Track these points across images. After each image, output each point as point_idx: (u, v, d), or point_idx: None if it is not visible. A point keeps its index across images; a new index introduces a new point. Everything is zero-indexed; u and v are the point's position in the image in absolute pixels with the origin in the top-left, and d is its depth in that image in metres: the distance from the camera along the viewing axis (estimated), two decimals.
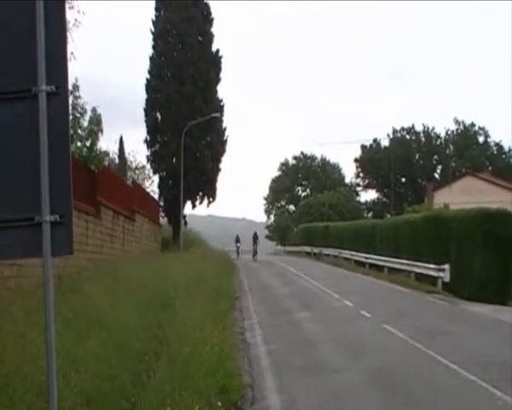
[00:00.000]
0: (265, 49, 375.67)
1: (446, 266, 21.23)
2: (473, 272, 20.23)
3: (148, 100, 37.32)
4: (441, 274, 21.49)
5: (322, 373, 8.92)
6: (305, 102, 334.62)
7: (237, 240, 45.25)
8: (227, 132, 39.68)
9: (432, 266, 22.10)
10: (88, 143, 21.77)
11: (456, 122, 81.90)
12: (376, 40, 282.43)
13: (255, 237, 42.85)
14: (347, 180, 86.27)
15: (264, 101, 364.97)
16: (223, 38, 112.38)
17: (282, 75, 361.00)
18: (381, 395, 7.86)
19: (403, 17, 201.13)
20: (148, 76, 37.50)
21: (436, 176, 78.62)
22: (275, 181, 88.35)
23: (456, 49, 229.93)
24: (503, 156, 79.38)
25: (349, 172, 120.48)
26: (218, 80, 38.96)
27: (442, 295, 20.21)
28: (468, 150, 77.55)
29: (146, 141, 37.54)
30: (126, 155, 39.79)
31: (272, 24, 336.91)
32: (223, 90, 76.07)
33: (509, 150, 79.01)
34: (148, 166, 39.15)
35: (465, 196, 38.77)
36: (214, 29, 38.89)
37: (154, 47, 37.66)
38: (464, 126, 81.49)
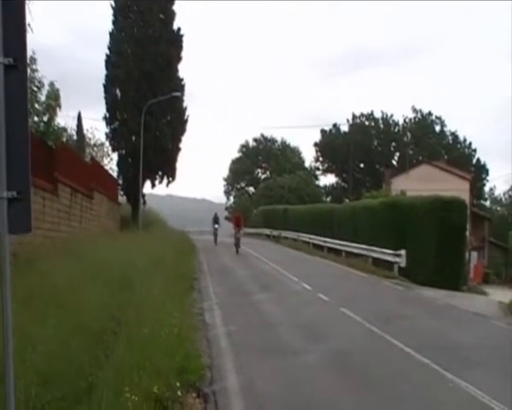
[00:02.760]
0: (228, 31, 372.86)
1: (402, 252, 21.67)
2: (428, 258, 20.73)
3: (107, 76, 36.52)
4: (397, 259, 21.93)
5: (280, 355, 8.99)
6: (266, 85, 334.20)
7: (215, 220, 37.92)
8: (188, 112, 39.34)
9: (389, 251, 22.51)
10: (45, 119, 21.20)
11: (414, 110, 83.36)
12: (337, 26, 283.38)
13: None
14: (307, 164, 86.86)
15: (225, 82, 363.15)
16: (184, 17, 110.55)
17: (245, 57, 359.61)
18: (338, 377, 7.99)
19: (364, 3, 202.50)
20: (107, 52, 36.71)
21: (394, 163, 79.80)
22: (235, 162, 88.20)
23: (415, 38, 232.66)
24: (459, 146, 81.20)
25: (309, 156, 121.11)
26: (179, 59, 38.47)
27: (398, 279, 20.65)
28: (424, 139, 79.05)
29: (105, 118, 36.80)
30: (85, 131, 38.88)
31: (235, 6, 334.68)
32: (184, 70, 75.29)
33: (464, 140, 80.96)
34: (107, 143, 38.41)
35: (421, 183, 39.39)
36: (176, 7, 38.35)
37: (114, 22, 36.80)
38: (422, 115, 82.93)
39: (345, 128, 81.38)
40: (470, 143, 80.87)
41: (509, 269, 44.21)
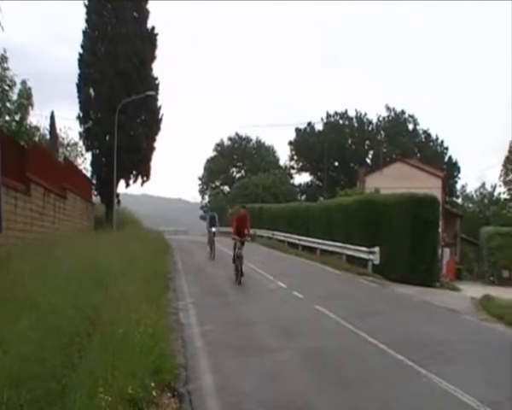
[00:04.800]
0: (202, 31, 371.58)
1: (376, 249, 21.88)
2: (401, 255, 20.97)
3: (81, 75, 36.17)
4: (371, 257, 22.14)
5: (256, 354, 9.02)
6: (241, 84, 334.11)
7: (211, 222, 27.13)
8: (162, 111, 39.22)
9: (363, 248, 22.71)
10: (17, 118, 20.89)
11: (388, 109, 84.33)
12: (311, 25, 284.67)
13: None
14: (282, 163, 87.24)
15: (200, 81, 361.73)
16: (159, 16, 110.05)
17: (220, 56, 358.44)
18: (313, 375, 8.03)
19: (337, 3, 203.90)
20: (81, 50, 36.34)
21: (368, 161, 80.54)
22: (210, 162, 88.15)
23: (389, 38, 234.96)
24: (431, 144, 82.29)
25: (283, 155, 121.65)
26: (153, 58, 38.36)
27: (372, 277, 20.85)
28: (398, 137, 80.00)
29: (79, 117, 36.48)
30: (58, 131, 38.47)
31: (210, 5, 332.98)
32: (158, 69, 74.91)
33: (437, 138, 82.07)
34: (81, 143, 38.08)
35: (395, 181, 39.80)
36: (150, 6, 38.19)
37: (87, 21, 36.48)
38: (395, 113, 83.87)
39: (319, 127, 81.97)
40: (442, 142, 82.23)
41: (480, 265, 44.88)
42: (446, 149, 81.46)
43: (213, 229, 26.67)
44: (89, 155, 38.21)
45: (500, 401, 7.02)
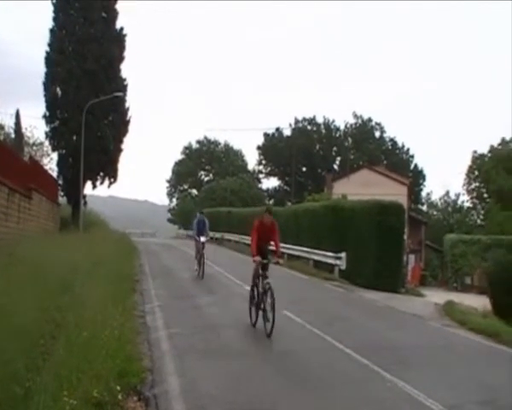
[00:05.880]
0: (171, 33, 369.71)
1: (343, 255, 22.07)
2: (367, 261, 21.18)
3: (47, 74, 35.66)
4: (338, 262, 22.34)
5: (223, 358, 8.99)
6: (210, 88, 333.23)
7: (199, 229, 20.27)
8: (130, 113, 38.91)
9: (329, 253, 22.88)
10: None
11: (355, 116, 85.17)
12: (281, 30, 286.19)
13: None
14: (250, 167, 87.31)
15: (169, 84, 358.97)
16: (129, 17, 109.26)
17: (189, 60, 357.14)
18: (279, 379, 8.05)
19: (302, 3, 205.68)
20: (47, 49, 35.80)
21: (335, 167, 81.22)
22: (178, 164, 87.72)
23: (355, 46, 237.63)
24: (397, 152, 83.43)
25: (252, 160, 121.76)
26: (121, 59, 38.07)
27: (339, 282, 21.01)
28: (365, 144, 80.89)
29: (45, 116, 35.93)
30: (23, 130, 37.88)
31: (180, 9, 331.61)
32: (127, 70, 74.22)
33: (403, 146, 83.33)
34: (47, 142, 37.57)
35: (362, 187, 40.19)
36: (119, 6, 37.87)
37: (54, 19, 36.01)
38: (362, 121, 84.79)
39: (287, 132, 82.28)
40: (408, 149, 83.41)
41: (444, 271, 45.67)
42: (412, 157, 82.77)
43: (202, 238, 19.93)
44: (55, 155, 37.73)
45: (461, 405, 7.16)
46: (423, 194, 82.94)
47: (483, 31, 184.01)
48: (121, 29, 37.94)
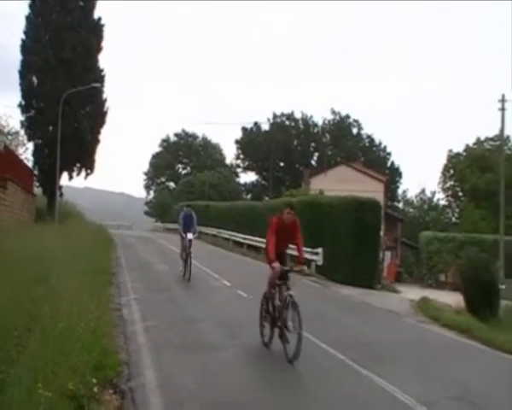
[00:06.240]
0: (151, 26, 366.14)
1: (320, 250, 22.15)
2: (344, 257, 21.30)
3: (23, 62, 35.12)
4: (315, 257, 22.40)
5: (199, 351, 8.97)
6: (188, 81, 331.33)
7: (186, 224, 18.35)
8: (107, 104, 38.54)
9: (306, 249, 22.88)
10: None
11: (333, 112, 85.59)
12: (259, 25, 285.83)
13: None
14: (228, 161, 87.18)
15: (148, 76, 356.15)
16: (107, 8, 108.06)
17: (168, 52, 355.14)
18: (256, 373, 8.09)
19: (283, 3, 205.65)
20: (23, 36, 35.23)
21: (313, 162, 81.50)
22: (155, 157, 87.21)
23: (334, 43, 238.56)
24: (374, 149, 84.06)
25: (230, 154, 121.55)
26: (99, 49, 37.64)
27: (315, 277, 21.10)
28: (342, 140, 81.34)
29: (20, 105, 35.39)
30: None
31: (157, 3, 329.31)
32: (105, 61, 73.50)
33: (380, 143, 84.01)
34: (23, 132, 36.97)
35: (339, 183, 40.40)
36: None
37: (31, 6, 35.48)
38: (340, 117, 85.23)
39: (266, 127, 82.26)
40: (385, 147, 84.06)
41: (419, 268, 46.18)
42: (389, 154, 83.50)
43: (189, 235, 17.89)
44: (31, 145, 37.18)
45: (435, 401, 7.23)
46: (399, 191, 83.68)
47: (465, 30, 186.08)
48: (99, 19, 37.50)
